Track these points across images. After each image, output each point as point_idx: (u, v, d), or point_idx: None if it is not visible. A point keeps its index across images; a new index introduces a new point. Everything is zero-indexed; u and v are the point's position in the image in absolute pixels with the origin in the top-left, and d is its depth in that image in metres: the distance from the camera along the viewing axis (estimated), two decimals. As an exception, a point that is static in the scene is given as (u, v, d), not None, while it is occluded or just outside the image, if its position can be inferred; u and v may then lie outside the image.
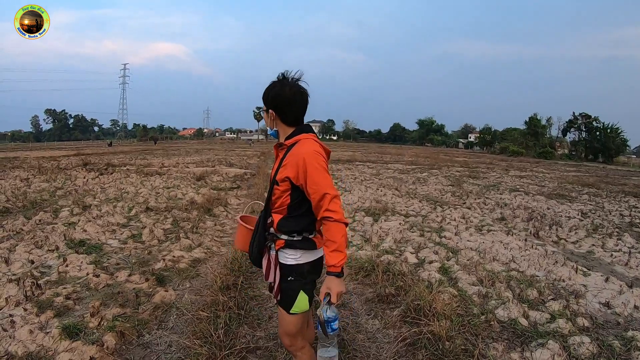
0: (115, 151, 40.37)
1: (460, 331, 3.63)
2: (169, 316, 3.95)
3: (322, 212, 2.19)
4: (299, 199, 2.30)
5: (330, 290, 2.17)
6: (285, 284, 2.34)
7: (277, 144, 2.42)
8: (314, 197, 2.21)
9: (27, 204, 9.20)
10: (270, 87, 2.37)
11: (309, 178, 2.19)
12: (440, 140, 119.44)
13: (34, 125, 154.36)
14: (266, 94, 2.39)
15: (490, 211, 9.97)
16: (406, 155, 40.93)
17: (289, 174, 2.24)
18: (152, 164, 21.68)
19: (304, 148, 2.26)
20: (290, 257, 2.33)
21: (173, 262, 5.35)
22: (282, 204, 2.32)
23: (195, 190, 11.76)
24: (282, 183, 2.28)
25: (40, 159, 24.66)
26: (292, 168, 2.24)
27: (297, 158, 2.22)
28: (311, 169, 2.19)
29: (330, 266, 2.16)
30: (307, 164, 2.19)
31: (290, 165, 2.24)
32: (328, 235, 2.19)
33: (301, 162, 2.20)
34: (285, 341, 2.47)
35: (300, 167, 2.20)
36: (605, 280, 5.12)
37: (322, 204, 2.19)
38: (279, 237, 2.34)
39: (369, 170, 20.46)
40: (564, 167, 35.94)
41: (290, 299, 2.33)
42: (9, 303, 4.00)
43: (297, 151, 2.26)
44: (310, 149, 2.25)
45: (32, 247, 5.82)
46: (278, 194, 2.32)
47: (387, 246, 6.37)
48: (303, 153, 2.22)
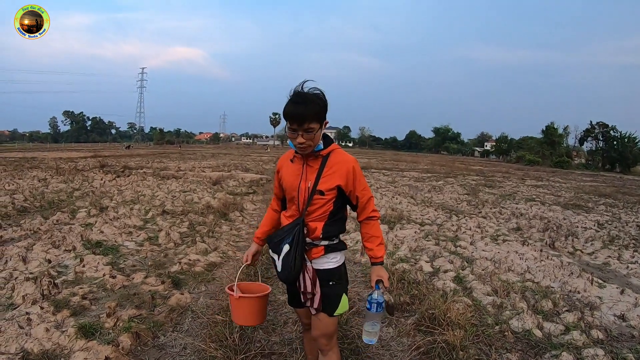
0: (132, 154, 40.75)
1: (474, 341, 3.62)
2: (184, 319, 3.97)
3: (368, 213, 2.45)
4: (339, 205, 2.41)
5: (382, 278, 2.38)
6: (326, 289, 2.38)
7: (309, 153, 2.35)
8: (362, 200, 2.42)
9: (45, 204, 9.34)
10: (323, 96, 2.30)
11: (359, 184, 2.39)
12: (456, 149, 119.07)
13: (52, 126, 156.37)
14: (324, 103, 2.30)
15: (506, 221, 9.90)
16: (421, 164, 40.78)
17: (339, 183, 2.33)
18: (169, 167, 21.86)
19: (347, 156, 2.40)
20: (333, 261, 2.42)
21: (189, 266, 5.39)
22: (324, 212, 2.37)
23: (211, 194, 11.84)
24: (329, 192, 2.34)
25: (58, 160, 25.00)
26: (341, 176, 2.34)
27: (346, 166, 2.35)
28: (360, 175, 2.40)
29: (377, 257, 2.43)
30: (356, 171, 2.38)
31: (339, 174, 2.34)
32: (373, 232, 2.46)
33: (351, 170, 2.35)
34: (323, 341, 2.49)
35: (350, 174, 2.34)
36: (620, 293, 5.06)
37: (368, 205, 2.44)
38: (318, 245, 2.39)
39: (384, 178, 20.44)
40: (581, 176, 35.60)
41: (333, 304, 2.40)
42: (25, 301, 4.06)
43: (342, 159, 2.37)
44: (352, 157, 2.41)
45: (50, 247, 5.90)
46: (321, 203, 2.36)
47: (402, 254, 6.36)
48: (350, 161, 2.37)
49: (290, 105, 2.23)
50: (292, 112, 2.21)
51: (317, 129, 2.25)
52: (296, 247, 2.33)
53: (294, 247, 2.33)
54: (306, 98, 2.24)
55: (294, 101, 2.24)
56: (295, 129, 2.22)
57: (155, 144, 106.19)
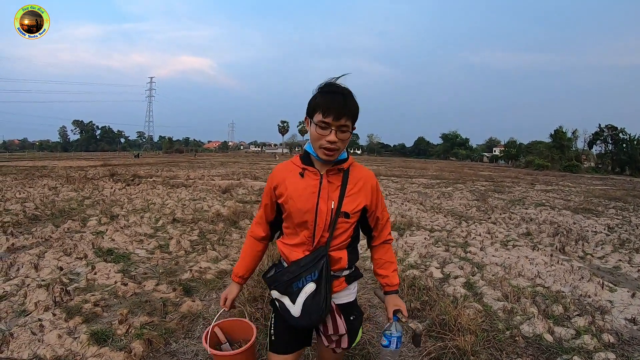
0: (141, 163, 40.95)
1: (485, 346, 3.62)
2: (195, 326, 3.99)
3: (385, 236, 2.18)
4: (358, 228, 2.12)
5: (400, 307, 2.08)
6: (349, 325, 2.10)
7: (331, 167, 1.97)
8: (382, 222, 2.14)
9: (56, 212, 9.40)
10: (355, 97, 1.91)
11: (380, 203, 2.11)
12: (465, 154, 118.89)
13: (62, 135, 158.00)
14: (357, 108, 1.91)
15: (516, 226, 9.86)
16: (430, 170, 40.69)
17: (365, 202, 2.01)
18: (178, 175, 21.94)
19: (368, 171, 2.08)
20: (353, 292, 2.15)
21: (200, 273, 5.41)
22: (347, 237, 2.03)
23: (221, 202, 11.85)
24: (355, 214, 1.99)
25: (68, 169, 25.20)
26: (366, 195, 2.01)
27: (370, 183, 2.04)
28: (380, 194, 2.11)
29: (393, 285, 2.15)
30: (379, 189, 2.09)
31: (364, 192, 2.01)
32: (387, 257, 2.18)
33: (375, 187, 2.06)
34: None
35: (374, 192, 2.05)
36: (631, 296, 5.03)
37: (386, 228, 2.17)
38: (339, 276, 2.06)
39: (393, 185, 20.40)
40: (590, 180, 35.40)
41: (353, 338, 2.16)
42: (38, 308, 4.09)
43: (365, 175, 2.04)
44: (372, 172, 2.09)
45: (61, 255, 5.95)
46: (344, 228, 1.99)
47: (412, 261, 6.35)
48: (373, 177, 2.07)
49: (327, 94, 1.83)
50: (328, 102, 1.80)
51: (350, 131, 1.88)
52: (325, 284, 1.92)
53: (324, 284, 1.92)
54: (345, 90, 1.87)
55: (331, 90, 1.85)
56: (328, 123, 1.80)
57: (164, 152, 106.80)
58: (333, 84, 1.89)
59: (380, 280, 2.20)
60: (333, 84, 1.88)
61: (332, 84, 1.89)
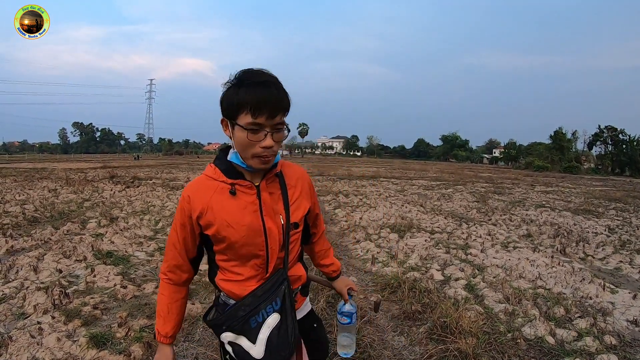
0: (141, 165, 40.96)
1: (486, 349, 3.60)
2: (195, 329, 3.97)
3: (322, 227, 2.01)
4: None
5: (350, 285, 2.02)
6: (314, 333, 1.96)
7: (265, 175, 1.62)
8: (320, 217, 1.97)
9: (55, 214, 9.41)
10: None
11: (316, 199, 1.90)
12: (465, 156, 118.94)
13: (62, 137, 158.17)
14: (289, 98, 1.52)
15: (516, 228, 9.84)
16: (430, 171, 40.69)
17: (308, 204, 1.78)
18: (178, 178, 21.95)
19: (297, 167, 1.80)
20: (307, 301, 1.95)
21: (199, 276, 5.38)
22: (299, 248, 1.81)
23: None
24: (301, 221, 1.73)
25: (68, 171, 25.21)
26: (307, 196, 1.77)
27: (306, 180, 1.79)
28: (314, 189, 1.86)
29: (339, 269, 2.09)
30: (311, 184, 1.84)
31: (304, 193, 1.75)
32: (326, 246, 2.06)
33: (310, 184, 1.83)
34: None
35: (311, 189, 1.82)
36: (633, 298, 5.02)
37: (321, 220, 1.98)
38: (296, 292, 1.81)
39: (393, 187, 20.36)
40: (590, 181, 35.32)
41: (326, 346, 2.08)
42: (37, 310, 4.09)
43: (297, 174, 1.76)
44: (301, 167, 1.82)
45: (60, 257, 5.94)
46: (296, 239, 1.73)
47: (412, 263, 6.34)
48: (304, 173, 1.80)
49: (254, 87, 1.41)
50: (258, 97, 1.40)
51: (285, 128, 1.52)
52: (291, 311, 1.63)
53: (289, 312, 1.62)
54: (273, 77, 1.49)
55: (259, 81, 1.43)
56: (261, 125, 1.43)
57: (164, 154, 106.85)
58: (257, 71, 1.48)
59: (326, 270, 2.07)
60: (258, 72, 1.48)
61: (255, 71, 1.48)
